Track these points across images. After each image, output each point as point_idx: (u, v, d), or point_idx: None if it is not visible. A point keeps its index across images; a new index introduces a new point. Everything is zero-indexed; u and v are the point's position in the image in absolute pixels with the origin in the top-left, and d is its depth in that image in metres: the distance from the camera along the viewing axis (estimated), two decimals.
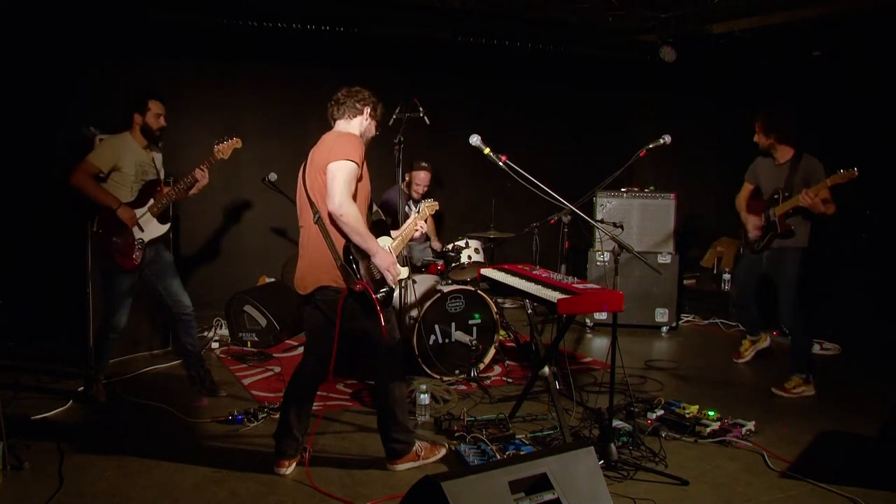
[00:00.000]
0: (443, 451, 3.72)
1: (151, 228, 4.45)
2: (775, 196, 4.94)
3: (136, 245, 4.37)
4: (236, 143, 4.61)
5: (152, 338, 5.55)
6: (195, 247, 6.79)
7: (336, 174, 3.25)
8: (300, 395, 3.58)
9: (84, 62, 6.00)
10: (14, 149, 5.71)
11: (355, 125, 3.56)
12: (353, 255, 3.31)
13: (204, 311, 6.21)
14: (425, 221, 3.95)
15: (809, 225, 4.87)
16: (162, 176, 4.59)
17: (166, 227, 4.54)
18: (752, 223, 5.09)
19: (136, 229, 4.37)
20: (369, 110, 3.58)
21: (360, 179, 3.38)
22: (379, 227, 3.64)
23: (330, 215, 3.29)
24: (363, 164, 3.40)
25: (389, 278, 3.42)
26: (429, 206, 4.06)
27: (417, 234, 3.94)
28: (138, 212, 4.39)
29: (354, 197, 3.31)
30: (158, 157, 4.60)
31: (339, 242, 3.34)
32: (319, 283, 3.39)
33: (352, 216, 3.24)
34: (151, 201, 4.45)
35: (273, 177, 5.62)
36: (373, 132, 3.65)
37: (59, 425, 4.09)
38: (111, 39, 5.96)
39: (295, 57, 6.83)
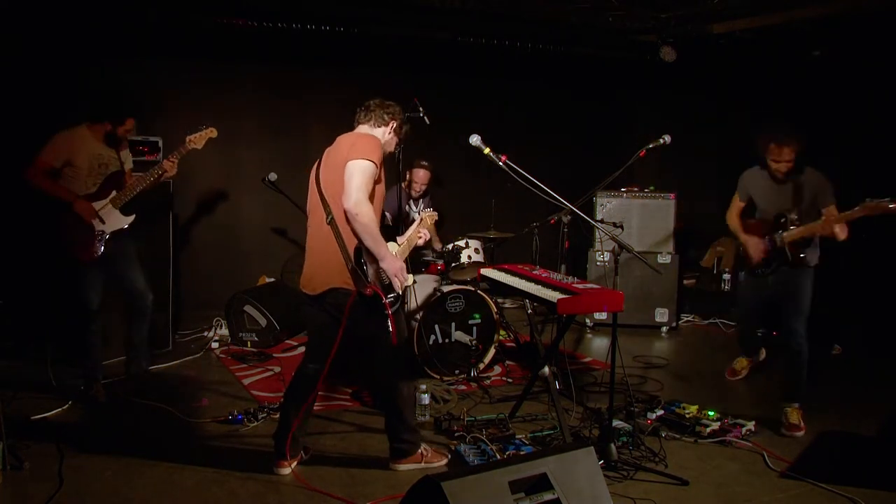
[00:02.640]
0: (445, 461, 3.71)
1: (113, 220, 4.41)
2: (782, 220, 4.32)
3: (97, 237, 4.34)
4: (210, 132, 4.57)
5: (152, 338, 5.53)
6: (195, 246, 6.78)
7: (354, 172, 3.23)
8: (300, 395, 3.58)
9: (84, 62, 5.99)
10: (14, 148, 5.70)
11: (378, 134, 3.55)
12: (364, 259, 3.30)
13: (204, 311, 6.23)
14: (426, 228, 3.97)
15: (818, 245, 4.38)
16: (128, 167, 4.54)
17: (130, 218, 4.47)
18: (754, 247, 4.49)
19: (96, 221, 4.34)
20: (395, 125, 3.60)
21: (377, 182, 3.37)
22: (387, 233, 3.64)
23: (345, 215, 3.26)
24: (381, 167, 3.39)
25: (397, 284, 3.41)
26: (429, 216, 4.08)
27: (421, 242, 3.95)
28: (98, 204, 4.35)
29: (371, 198, 3.28)
30: (125, 151, 4.56)
31: (351, 244, 3.31)
32: (331, 285, 3.36)
33: (367, 216, 3.21)
34: (114, 193, 4.41)
35: (273, 177, 5.62)
36: (391, 148, 3.66)
37: (59, 425, 4.09)
38: (111, 39, 5.96)
39: (295, 57, 6.83)
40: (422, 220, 4.03)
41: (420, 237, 3.91)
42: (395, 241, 3.72)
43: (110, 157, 4.44)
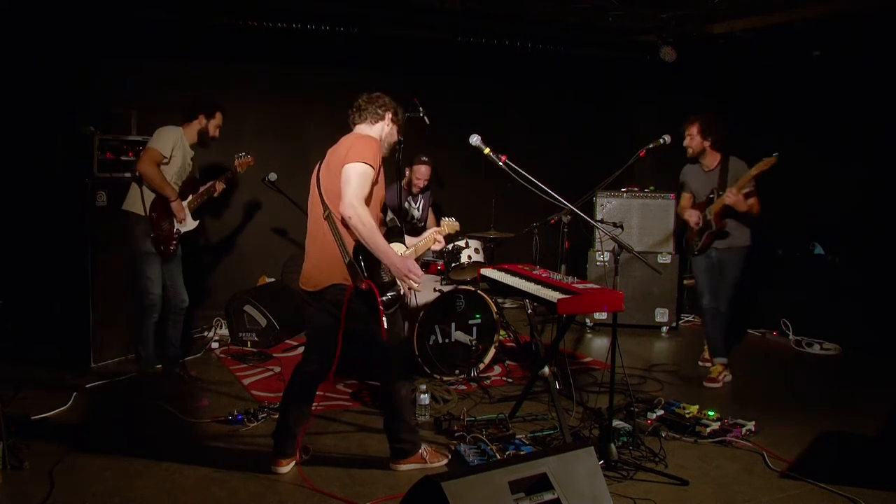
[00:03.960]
0: (445, 461, 3.71)
1: (188, 222, 4.77)
2: (711, 196, 5.05)
3: (175, 235, 4.67)
4: (250, 160, 5.04)
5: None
6: (195, 247, 6.76)
7: (350, 176, 3.23)
8: (300, 395, 3.58)
9: (84, 62, 5.99)
10: (14, 148, 5.71)
11: (376, 130, 3.55)
12: (362, 254, 3.30)
13: (204, 311, 6.23)
14: (444, 236, 3.98)
15: (746, 224, 5.05)
16: (197, 174, 4.92)
17: (196, 223, 4.84)
18: (692, 216, 5.17)
19: (177, 221, 4.68)
20: (391, 115, 3.59)
21: (375, 183, 3.37)
22: (393, 233, 3.64)
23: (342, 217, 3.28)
24: (380, 168, 3.39)
25: (403, 287, 3.40)
26: (449, 225, 4.09)
27: (437, 247, 3.94)
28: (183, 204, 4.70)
29: (368, 201, 3.28)
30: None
31: (349, 239, 3.32)
32: (331, 281, 3.35)
33: (363, 220, 3.20)
34: (191, 197, 4.75)
35: (273, 177, 5.63)
36: (394, 137, 3.65)
37: (59, 425, 4.10)
38: (112, 39, 5.96)
39: (295, 57, 6.83)
40: (441, 227, 4.01)
41: (436, 243, 3.89)
42: (402, 241, 3.71)
43: (191, 162, 4.78)
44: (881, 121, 6.44)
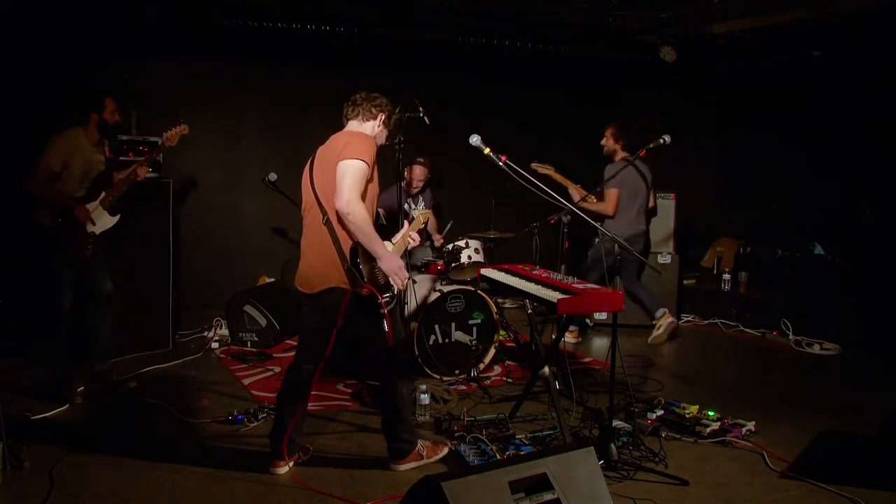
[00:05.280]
0: (445, 451, 3.72)
1: (103, 221, 4.53)
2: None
3: (89, 239, 4.46)
4: (183, 129, 4.76)
5: (152, 338, 5.54)
6: (195, 247, 6.78)
7: (346, 172, 3.24)
8: (295, 396, 3.57)
9: (85, 62, 6.00)
10: (15, 148, 5.70)
11: (367, 128, 3.56)
12: (360, 259, 3.30)
13: (204, 311, 6.23)
14: (419, 231, 3.95)
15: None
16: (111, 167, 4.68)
17: (116, 218, 4.60)
18: None
19: (89, 224, 4.45)
20: (384, 117, 3.59)
21: (369, 181, 3.38)
22: (384, 232, 3.63)
23: (337, 214, 3.28)
24: (374, 165, 3.40)
25: (396, 282, 3.40)
26: (422, 214, 4.06)
27: (412, 244, 3.92)
28: (91, 206, 4.47)
29: (363, 197, 3.29)
30: (105, 150, 4.69)
31: (347, 244, 3.32)
32: (329, 285, 3.35)
33: (359, 215, 3.21)
34: (103, 194, 4.53)
35: (273, 177, 5.62)
36: (382, 140, 3.65)
37: (59, 425, 4.09)
38: (112, 39, 5.96)
39: (295, 57, 6.83)
40: (414, 220, 4.01)
41: (411, 240, 3.89)
42: (389, 240, 3.71)
43: (98, 160, 4.56)
44: (881, 121, 6.44)
